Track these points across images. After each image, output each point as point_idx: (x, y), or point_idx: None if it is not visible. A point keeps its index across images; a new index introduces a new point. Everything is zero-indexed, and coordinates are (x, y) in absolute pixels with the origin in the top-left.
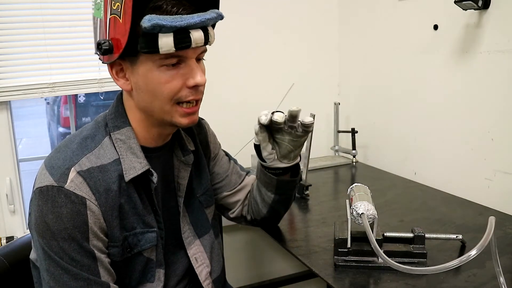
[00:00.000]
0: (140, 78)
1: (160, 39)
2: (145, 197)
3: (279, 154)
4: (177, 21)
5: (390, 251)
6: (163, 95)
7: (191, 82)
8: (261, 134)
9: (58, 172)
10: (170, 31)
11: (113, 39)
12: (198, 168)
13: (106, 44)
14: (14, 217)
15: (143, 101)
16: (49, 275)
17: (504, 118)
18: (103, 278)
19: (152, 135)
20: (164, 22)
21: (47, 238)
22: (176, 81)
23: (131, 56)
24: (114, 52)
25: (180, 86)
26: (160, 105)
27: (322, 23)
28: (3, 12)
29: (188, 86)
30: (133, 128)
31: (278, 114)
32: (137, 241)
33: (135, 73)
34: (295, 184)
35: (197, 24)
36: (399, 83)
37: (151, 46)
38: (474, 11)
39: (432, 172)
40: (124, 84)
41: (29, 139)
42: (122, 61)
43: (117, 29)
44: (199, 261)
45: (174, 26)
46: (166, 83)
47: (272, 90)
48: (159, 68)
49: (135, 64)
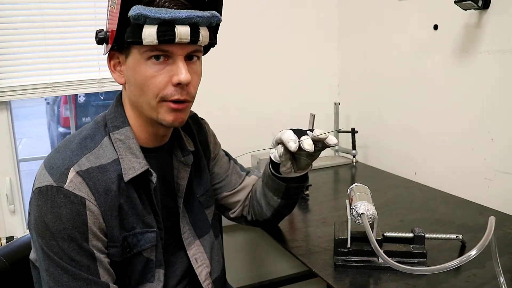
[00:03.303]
0: (130, 70)
1: (144, 30)
2: (145, 197)
3: (296, 167)
4: (161, 13)
5: (390, 251)
6: (149, 90)
7: (175, 80)
8: (284, 156)
9: (58, 172)
10: (154, 22)
11: (110, 30)
12: (198, 168)
13: (101, 34)
14: (14, 217)
15: (133, 95)
16: (48, 275)
17: (504, 118)
18: (103, 278)
19: (148, 134)
20: (148, 12)
21: (46, 238)
22: (162, 77)
23: (123, 48)
24: (108, 43)
25: (165, 82)
26: (147, 100)
27: (322, 23)
28: (3, 12)
29: (173, 84)
30: (132, 128)
31: (308, 143)
32: (137, 241)
33: (127, 65)
34: (303, 188)
35: (184, 20)
36: (399, 83)
37: (136, 36)
38: (474, 11)
39: (432, 172)
40: (118, 77)
41: (29, 139)
42: (119, 54)
43: (112, 19)
44: (199, 261)
45: (157, 17)
46: (151, 77)
47: (272, 90)
48: (146, 61)
49: (128, 57)
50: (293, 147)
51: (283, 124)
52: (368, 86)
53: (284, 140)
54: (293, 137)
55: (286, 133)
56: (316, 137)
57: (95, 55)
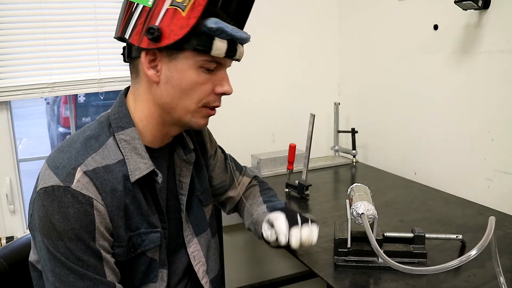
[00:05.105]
0: (177, 73)
1: (215, 42)
2: (150, 197)
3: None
4: (235, 32)
5: (390, 251)
6: (194, 95)
7: (220, 90)
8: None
9: (64, 172)
10: (226, 38)
11: (164, 29)
12: (197, 166)
13: (158, 30)
14: (14, 217)
15: (169, 96)
16: (54, 276)
17: (504, 118)
18: (109, 278)
19: (158, 133)
20: (227, 28)
21: (52, 239)
22: (208, 85)
23: (175, 50)
24: (161, 41)
25: (210, 91)
26: (187, 104)
27: (322, 23)
28: (3, 12)
29: (216, 93)
30: (138, 128)
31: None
32: (141, 241)
33: (172, 67)
34: None
35: (245, 40)
36: (399, 83)
37: (205, 45)
38: (474, 11)
39: (432, 172)
40: (153, 75)
41: (29, 139)
42: (159, 52)
43: (176, 21)
44: (197, 259)
45: (232, 35)
46: (201, 84)
47: (272, 90)
48: (198, 69)
49: (174, 59)
50: (283, 242)
51: (283, 124)
52: (368, 86)
53: (276, 230)
54: (285, 230)
55: (279, 221)
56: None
57: (95, 55)
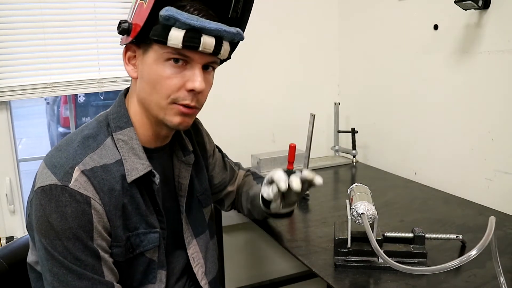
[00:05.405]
0: (146, 67)
1: (171, 32)
2: (148, 198)
3: (284, 204)
4: (192, 20)
5: (390, 251)
6: (161, 89)
7: (189, 85)
8: (278, 196)
9: (61, 171)
10: (183, 27)
11: (134, 23)
12: (197, 168)
13: (125, 24)
14: (14, 217)
15: (143, 92)
16: (52, 276)
17: (504, 118)
18: (107, 277)
19: (152, 134)
20: (179, 16)
21: (50, 238)
22: (177, 80)
23: (145, 44)
24: (130, 35)
25: (179, 86)
26: (157, 99)
27: (322, 23)
28: (3, 12)
29: (186, 89)
30: (136, 128)
31: (297, 183)
32: (140, 241)
33: (144, 61)
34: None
35: (212, 31)
36: (399, 83)
37: (162, 36)
38: (474, 11)
39: (432, 172)
40: (131, 71)
41: (29, 139)
42: (137, 48)
43: (140, 14)
44: (196, 260)
45: (187, 23)
46: (167, 78)
47: (272, 90)
48: (165, 62)
49: (146, 53)
50: (283, 187)
51: (283, 124)
52: (368, 86)
53: (276, 179)
54: (283, 177)
55: (277, 173)
56: (304, 177)
57: (95, 55)
